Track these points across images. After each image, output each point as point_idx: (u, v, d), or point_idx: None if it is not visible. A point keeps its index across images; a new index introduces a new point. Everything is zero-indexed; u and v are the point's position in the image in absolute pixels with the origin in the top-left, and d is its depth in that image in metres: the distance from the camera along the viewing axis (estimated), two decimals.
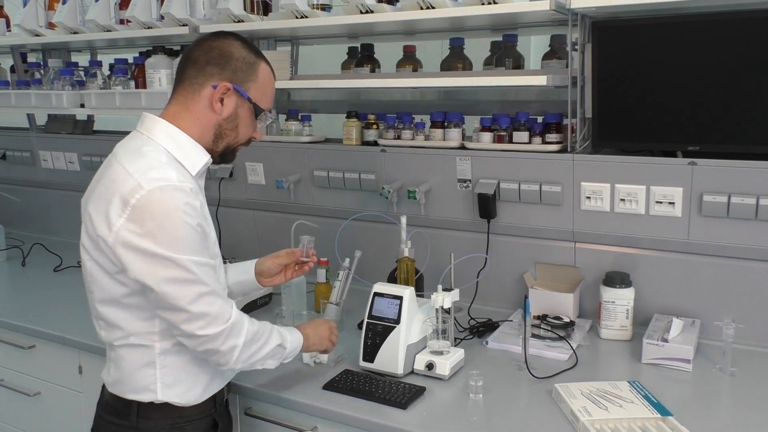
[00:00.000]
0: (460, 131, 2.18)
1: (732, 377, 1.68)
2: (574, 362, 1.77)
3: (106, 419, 1.50)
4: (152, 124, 1.42)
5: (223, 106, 1.41)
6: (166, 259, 1.29)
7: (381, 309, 1.71)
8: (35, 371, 2.21)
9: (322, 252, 2.22)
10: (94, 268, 1.38)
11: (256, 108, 1.45)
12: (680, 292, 1.93)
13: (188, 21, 2.35)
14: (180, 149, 1.40)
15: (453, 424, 1.48)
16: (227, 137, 1.45)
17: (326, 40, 2.61)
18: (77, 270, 2.72)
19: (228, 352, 1.38)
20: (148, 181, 1.29)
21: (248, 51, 1.44)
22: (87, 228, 1.37)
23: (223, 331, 1.36)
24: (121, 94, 2.54)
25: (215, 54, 1.41)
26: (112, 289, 1.37)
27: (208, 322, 1.34)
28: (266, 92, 1.48)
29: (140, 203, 1.28)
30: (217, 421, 1.54)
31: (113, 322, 1.41)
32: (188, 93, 1.41)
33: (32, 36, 2.82)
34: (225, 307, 1.37)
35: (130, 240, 1.28)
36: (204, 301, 1.33)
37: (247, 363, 1.44)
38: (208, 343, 1.36)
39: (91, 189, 1.42)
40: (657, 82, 1.83)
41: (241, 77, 1.42)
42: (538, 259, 2.12)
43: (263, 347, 1.45)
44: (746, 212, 1.79)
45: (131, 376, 1.43)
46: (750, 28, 1.71)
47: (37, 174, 3.25)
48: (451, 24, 2.18)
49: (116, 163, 1.36)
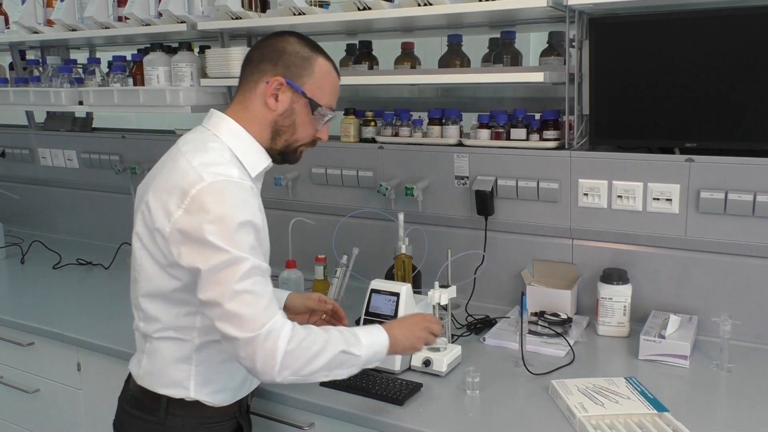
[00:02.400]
0: (457, 128, 2.18)
1: (729, 373, 1.68)
2: (571, 359, 1.77)
3: (131, 414, 1.48)
4: (219, 121, 1.43)
5: (278, 101, 1.40)
6: (216, 249, 1.25)
7: (378, 306, 1.71)
8: (34, 368, 2.21)
9: (320, 249, 2.23)
10: (145, 258, 1.37)
11: (311, 103, 1.42)
12: (677, 288, 1.93)
13: (186, 18, 2.35)
14: (243, 149, 1.40)
15: (450, 420, 1.49)
16: (285, 134, 1.43)
17: (324, 36, 2.61)
18: (76, 267, 2.73)
19: (264, 364, 1.26)
20: (210, 175, 1.28)
21: (303, 46, 1.42)
22: (144, 218, 1.36)
23: (254, 339, 1.25)
24: (119, 91, 2.54)
25: (269, 50, 1.41)
26: (161, 282, 1.36)
27: (240, 324, 1.25)
28: (325, 88, 1.44)
29: (200, 194, 1.27)
30: (242, 424, 1.53)
31: (154, 315, 1.40)
32: (246, 92, 1.43)
33: (31, 33, 2.82)
34: (264, 313, 1.27)
35: (187, 228, 1.27)
36: (241, 300, 1.25)
37: (298, 376, 1.29)
38: (241, 349, 1.26)
39: (151, 178, 1.41)
40: (654, 78, 1.83)
41: (294, 72, 1.40)
42: (536, 256, 2.12)
43: (318, 357, 1.30)
44: (743, 209, 1.79)
45: (165, 370, 1.41)
46: (747, 24, 1.71)
47: (36, 171, 3.25)
48: (449, 21, 2.18)
49: (180, 156, 1.36)
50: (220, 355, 1.41)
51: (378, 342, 1.41)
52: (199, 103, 2.44)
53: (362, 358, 1.37)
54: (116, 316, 2.15)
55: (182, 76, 2.42)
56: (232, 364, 1.43)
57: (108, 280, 2.59)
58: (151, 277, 1.38)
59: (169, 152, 1.44)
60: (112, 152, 2.94)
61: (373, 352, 1.39)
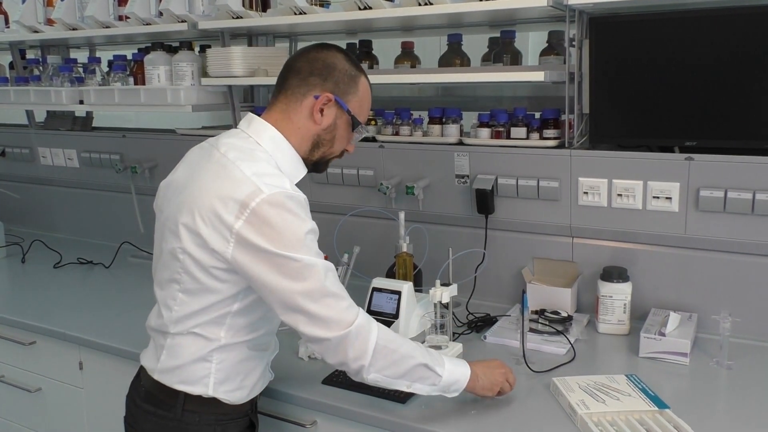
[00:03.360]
0: (458, 127, 2.19)
1: (729, 371, 1.69)
2: (572, 356, 1.78)
3: (145, 409, 1.47)
4: (261, 129, 1.43)
5: (323, 116, 1.43)
6: (287, 258, 1.28)
7: (380, 304, 1.72)
8: (36, 367, 2.21)
9: (321, 248, 2.23)
10: (188, 261, 1.35)
11: (354, 120, 1.46)
12: (677, 286, 1.94)
13: (187, 17, 2.36)
14: (283, 158, 1.42)
15: (452, 418, 1.49)
16: (323, 147, 1.47)
17: (324, 36, 2.62)
18: (77, 266, 2.73)
19: (356, 359, 1.32)
20: (268, 187, 1.29)
21: (350, 64, 1.46)
22: (189, 222, 1.33)
23: (345, 337, 1.31)
24: (120, 90, 2.55)
25: (319, 65, 1.42)
26: (204, 285, 1.35)
27: (327, 326, 1.30)
28: (364, 106, 1.50)
29: (260, 207, 1.27)
30: (254, 421, 1.55)
31: (185, 313, 1.39)
32: (290, 102, 1.43)
33: (31, 32, 2.82)
34: (348, 311, 1.33)
35: (252, 241, 1.28)
36: (324, 303, 1.30)
37: (383, 375, 1.36)
38: (332, 349, 1.32)
39: (188, 180, 1.40)
40: (654, 77, 1.84)
41: (342, 89, 1.43)
42: (536, 254, 2.13)
43: (403, 360, 1.36)
44: (743, 207, 1.80)
45: (186, 367, 1.41)
46: (747, 23, 1.72)
47: (37, 171, 3.25)
48: (449, 20, 2.19)
49: (229, 164, 1.35)
50: (240, 355, 1.43)
51: (460, 372, 1.45)
52: (200, 103, 2.45)
53: (443, 380, 1.41)
54: (118, 314, 2.16)
55: (183, 75, 2.42)
56: (250, 363, 1.46)
57: (109, 279, 2.59)
58: (193, 279, 1.36)
59: (205, 155, 1.42)
60: (112, 151, 2.94)
61: (454, 379, 1.43)
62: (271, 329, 1.51)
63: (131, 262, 2.77)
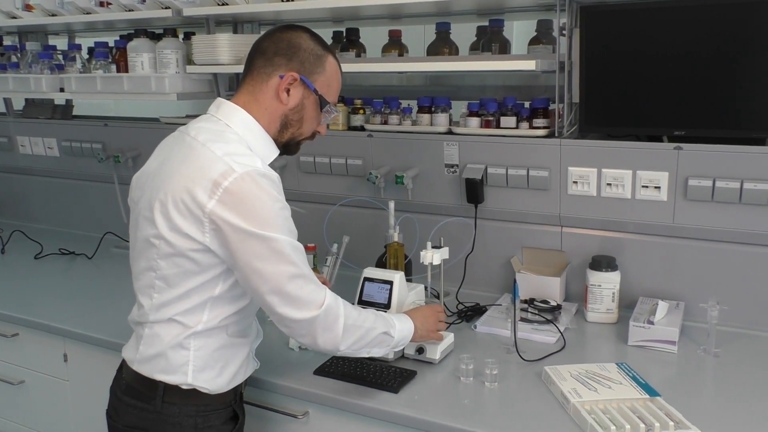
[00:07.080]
0: (447, 116, 2.18)
1: (716, 358, 1.71)
2: (562, 345, 1.78)
3: (126, 402, 1.47)
4: (230, 112, 1.43)
5: (290, 96, 1.43)
6: (261, 238, 1.30)
7: (371, 294, 1.71)
8: (19, 360, 2.18)
9: (310, 238, 2.21)
10: (164, 246, 1.35)
11: (321, 100, 1.46)
12: (665, 275, 1.95)
13: (171, 3, 2.31)
14: (255, 140, 1.42)
15: (444, 407, 1.49)
16: (292, 127, 1.47)
17: (311, 23, 2.58)
18: (58, 257, 2.69)
19: (328, 340, 1.38)
20: (240, 165, 1.30)
21: (316, 44, 1.45)
22: (163, 207, 1.33)
23: (317, 317, 1.35)
24: (102, 78, 2.50)
25: (284, 45, 1.42)
26: (182, 268, 1.35)
27: (298, 306, 1.34)
28: (332, 86, 1.49)
29: (233, 186, 1.29)
30: (237, 412, 1.53)
31: (164, 300, 1.39)
32: (257, 83, 1.43)
33: (9, 18, 2.75)
34: (318, 292, 1.37)
35: (225, 220, 1.29)
36: (296, 284, 1.33)
37: (352, 349, 1.44)
38: (303, 329, 1.36)
39: (159, 168, 1.40)
40: (644, 67, 1.84)
41: (308, 68, 1.43)
42: (525, 244, 2.13)
43: (368, 333, 1.45)
44: (730, 196, 1.81)
45: (164, 355, 1.40)
46: (736, 13, 1.73)
47: (16, 160, 3.19)
48: (437, 8, 2.18)
49: (199, 146, 1.35)
50: (219, 341, 1.43)
51: (407, 328, 1.55)
52: (185, 91, 2.42)
53: (395, 341, 1.52)
54: (102, 306, 2.13)
55: (167, 63, 2.38)
56: (230, 350, 1.45)
57: (92, 269, 2.55)
58: (170, 265, 1.36)
59: (176, 141, 1.43)
60: (93, 140, 2.89)
61: (402, 337, 1.54)
62: (249, 313, 1.49)
63: (114, 252, 2.72)
